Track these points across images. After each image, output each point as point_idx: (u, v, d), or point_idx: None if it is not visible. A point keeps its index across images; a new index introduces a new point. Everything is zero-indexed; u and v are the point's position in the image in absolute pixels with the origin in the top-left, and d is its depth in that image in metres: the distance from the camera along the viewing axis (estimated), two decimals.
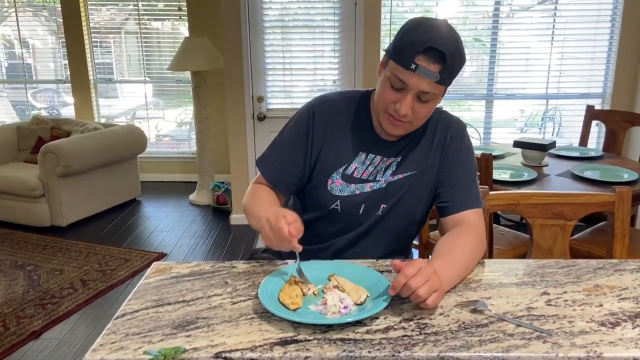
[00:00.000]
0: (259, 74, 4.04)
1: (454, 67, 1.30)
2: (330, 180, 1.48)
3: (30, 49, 5.81)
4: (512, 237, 2.72)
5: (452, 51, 1.27)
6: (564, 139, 4.40)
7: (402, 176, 1.47)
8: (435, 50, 1.25)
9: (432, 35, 1.26)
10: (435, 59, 1.26)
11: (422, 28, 1.28)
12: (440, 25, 1.30)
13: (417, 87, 1.30)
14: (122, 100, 5.81)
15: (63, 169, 4.10)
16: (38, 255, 3.76)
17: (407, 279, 1.10)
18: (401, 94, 1.33)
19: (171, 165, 5.56)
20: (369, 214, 1.49)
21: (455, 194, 1.45)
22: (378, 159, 1.48)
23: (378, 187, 1.47)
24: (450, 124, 1.50)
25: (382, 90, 1.37)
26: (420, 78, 1.28)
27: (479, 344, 1.03)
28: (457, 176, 1.46)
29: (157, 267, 1.36)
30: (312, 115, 1.49)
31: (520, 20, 4.20)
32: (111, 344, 1.04)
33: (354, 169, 1.48)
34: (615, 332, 1.06)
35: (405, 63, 1.28)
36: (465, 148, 1.49)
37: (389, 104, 1.36)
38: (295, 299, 1.17)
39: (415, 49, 1.26)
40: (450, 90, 1.44)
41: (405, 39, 1.30)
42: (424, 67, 1.27)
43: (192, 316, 1.13)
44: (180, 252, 3.85)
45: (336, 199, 1.48)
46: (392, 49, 1.33)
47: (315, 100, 1.53)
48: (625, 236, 1.66)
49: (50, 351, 2.67)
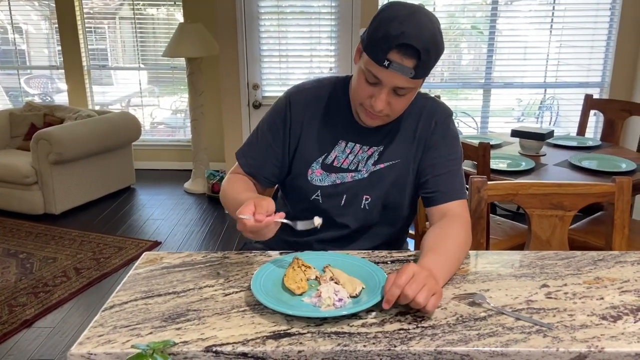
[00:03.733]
0: (255, 61, 3.98)
1: (429, 61, 1.24)
2: (310, 170, 1.44)
3: (24, 34, 5.73)
4: (508, 227, 2.69)
5: (427, 46, 1.21)
6: (561, 128, 4.38)
7: (384, 165, 1.43)
8: (410, 47, 1.20)
9: (406, 30, 1.19)
10: (409, 55, 1.21)
11: (397, 20, 1.21)
12: (416, 15, 1.22)
13: (391, 83, 1.25)
14: (117, 87, 5.75)
15: (56, 156, 4.06)
16: (31, 243, 3.72)
17: (402, 289, 1.04)
18: (376, 88, 1.28)
19: (166, 153, 5.51)
20: (351, 205, 1.45)
21: (441, 184, 1.41)
22: (358, 148, 1.43)
23: (360, 177, 1.43)
24: (435, 112, 1.44)
25: (358, 83, 1.32)
26: (394, 74, 1.23)
27: (477, 338, 1.00)
28: (442, 165, 1.42)
29: (148, 257, 1.33)
30: (289, 104, 1.46)
31: (518, 8, 4.15)
32: (98, 337, 1.01)
33: (333, 157, 1.44)
34: (617, 326, 1.03)
35: (378, 59, 1.23)
36: (450, 136, 1.44)
37: (364, 98, 1.31)
38: (301, 283, 1.15)
39: (389, 44, 1.20)
40: (447, 79, 1.41)
41: (378, 31, 1.23)
42: (398, 63, 1.21)
43: (182, 308, 1.10)
44: (174, 240, 3.82)
45: (317, 189, 1.44)
46: (366, 39, 1.27)
47: (292, 89, 1.49)
48: (625, 227, 1.64)
49: (43, 340, 2.64)
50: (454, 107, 4.44)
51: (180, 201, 4.62)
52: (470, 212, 1.58)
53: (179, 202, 4.60)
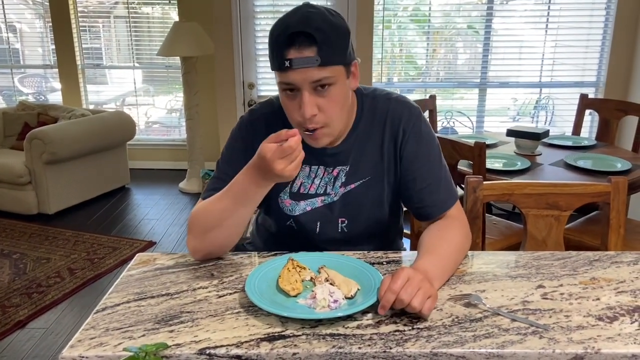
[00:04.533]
0: (250, 60, 3.97)
1: (331, 40, 1.16)
2: (279, 199, 1.38)
3: (17, 33, 5.69)
4: (504, 226, 2.69)
5: (318, 25, 1.14)
6: (557, 128, 4.38)
7: (354, 185, 1.35)
8: (298, 35, 1.13)
9: (288, 23, 1.16)
10: (305, 44, 1.14)
11: (278, 24, 1.18)
12: (299, 9, 1.19)
13: (304, 80, 1.16)
14: (111, 86, 5.72)
15: (50, 155, 4.03)
16: (24, 244, 3.69)
17: (397, 294, 1.02)
18: (297, 97, 1.19)
19: (161, 152, 5.48)
20: (327, 230, 1.38)
21: (427, 198, 1.34)
22: (322, 170, 1.35)
23: (330, 200, 1.36)
24: (402, 116, 1.34)
25: (283, 104, 1.25)
26: (301, 71, 1.15)
27: (473, 339, 0.99)
28: (423, 178, 1.34)
29: (141, 258, 1.32)
30: (248, 131, 1.36)
31: (514, 8, 4.15)
32: (90, 340, 0.99)
33: (299, 184, 1.36)
34: (613, 327, 1.03)
35: (279, 65, 1.17)
36: (424, 141, 1.35)
37: (295, 114, 1.22)
38: (295, 284, 1.14)
39: (280, 44, 1.15)
40: (443, 78, 1.38)
41: (269, 43, 1.19)
42: (298, 58, 1.14)
43: (175, 310, 1.09)
44: (169, 240, 3.80)
45: (289, 218, 1.38)
46: (269, 60, 1.22)
47: (246, 115, 1.40)
48: (620, 227, 1.63)
49: (37, 341, 2.62)
50: (450, 107, 4.44)
51: (175, 201, 4.60)
52: (466, 212, 1.58)
53: (174, 202, 4.58)
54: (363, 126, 1.35)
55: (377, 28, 4.02)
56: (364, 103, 1.37)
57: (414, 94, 4.34)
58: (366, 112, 1.36)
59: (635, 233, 2.61)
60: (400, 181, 1.37)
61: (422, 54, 4.34)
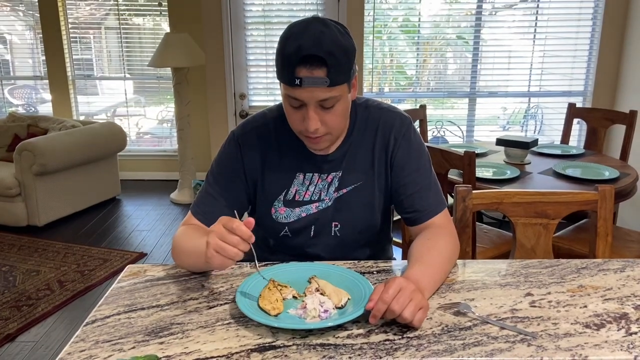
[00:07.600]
0: (241, 70, 3.99)
1: (340, 64, 1.20)
2: (274, 209, 1.40)
3: (8, 44, 5.67)
4: (495, 235, 2.71)
5: (329, 49, 1.17)
6: (545, 137, 4.42)
7: (346, 190, 1.39)
8: (311, 57, 1.17)
9: (302, 42, 1.17)
10: (316, 65, 1.17)
11: (292, 37, 1.19)
12: (309, 27, 1.20)
13: (312, 99, 1.21)
14: (102, 97, 5.71)
15: (40, 167, 4.01)
16: (14, 256, 3.67)
17: (388, 304, 1.03)
18: (303, 110, 1.24)
19: (152, 163, 5.47)
20: (321, 234, 1.41)
21: (417, 203, 1.37)
22: (317, 177, 1.39)
23: (324, 206, 1.39)
24: (393, 124, 1.38)
25: (287, 112, 1.29)
26: (310, 90, 1.19)
27: (462, 347, 1.00)
28: (413, 183, 1.38)
29: (131, 269, 1.32)
30: (239, 146, 1.39)
31: (502, 19, 4.20)
32: (80, 352, 0.99)
33: (294, 192, 1.39)
34: (601, 334, 1.04)
35: (289, 81, 1.20)
36: (414, 149, 1.39)
37: (298, 124, 1.27)
38: (276, 303, 1.13)
39: (292, 63, 1.18)
40: (433, 88, 1.40)
41: (279, 56, 1.21)
42: (308, 77, 1.18)
43: (166, 322, 1.09)
44: (160, 251, 3.79)
45: (284, 226, 1.40)
46: (276, 69, 1.25)
47: (238, 130, 1.42)
48: (608, 234, 1.65)
49: (26, 354, 2.60)
50: (440, 116, 4.47)
51: (166, 212, 4.59)
52: (456, 221, 1.59)
53: (165, 212, 4.57)
54: (356, 134, 1.39)
55: (368, 38, 4.05)
56: (357, 112, 1.41)
57: (405, 103, 4.37)
58: (359, 120, 1.40)
59: (623, 240, 2.63)
60: (391, 188, 1.41)
61: (413, 64, 4.38)
